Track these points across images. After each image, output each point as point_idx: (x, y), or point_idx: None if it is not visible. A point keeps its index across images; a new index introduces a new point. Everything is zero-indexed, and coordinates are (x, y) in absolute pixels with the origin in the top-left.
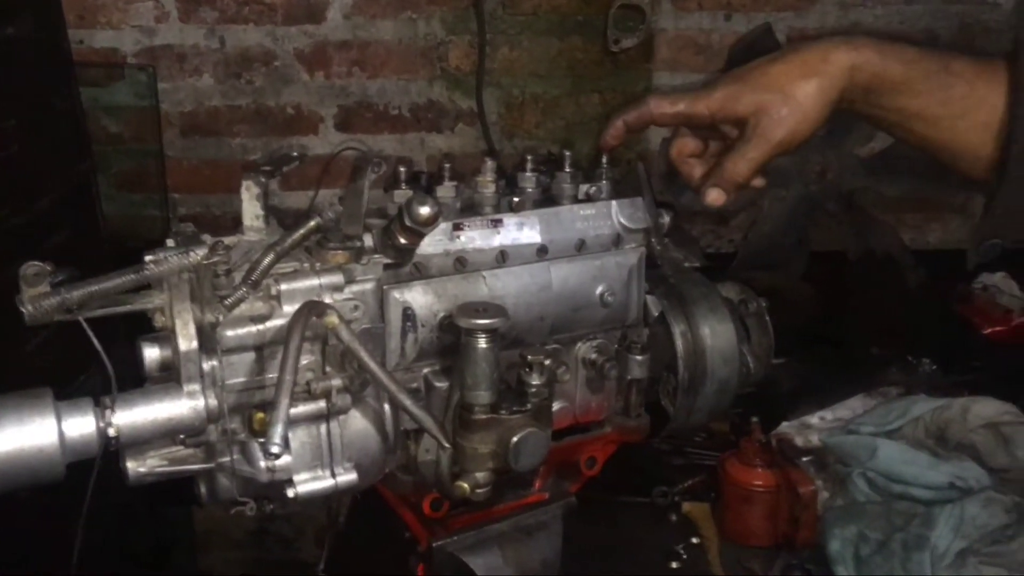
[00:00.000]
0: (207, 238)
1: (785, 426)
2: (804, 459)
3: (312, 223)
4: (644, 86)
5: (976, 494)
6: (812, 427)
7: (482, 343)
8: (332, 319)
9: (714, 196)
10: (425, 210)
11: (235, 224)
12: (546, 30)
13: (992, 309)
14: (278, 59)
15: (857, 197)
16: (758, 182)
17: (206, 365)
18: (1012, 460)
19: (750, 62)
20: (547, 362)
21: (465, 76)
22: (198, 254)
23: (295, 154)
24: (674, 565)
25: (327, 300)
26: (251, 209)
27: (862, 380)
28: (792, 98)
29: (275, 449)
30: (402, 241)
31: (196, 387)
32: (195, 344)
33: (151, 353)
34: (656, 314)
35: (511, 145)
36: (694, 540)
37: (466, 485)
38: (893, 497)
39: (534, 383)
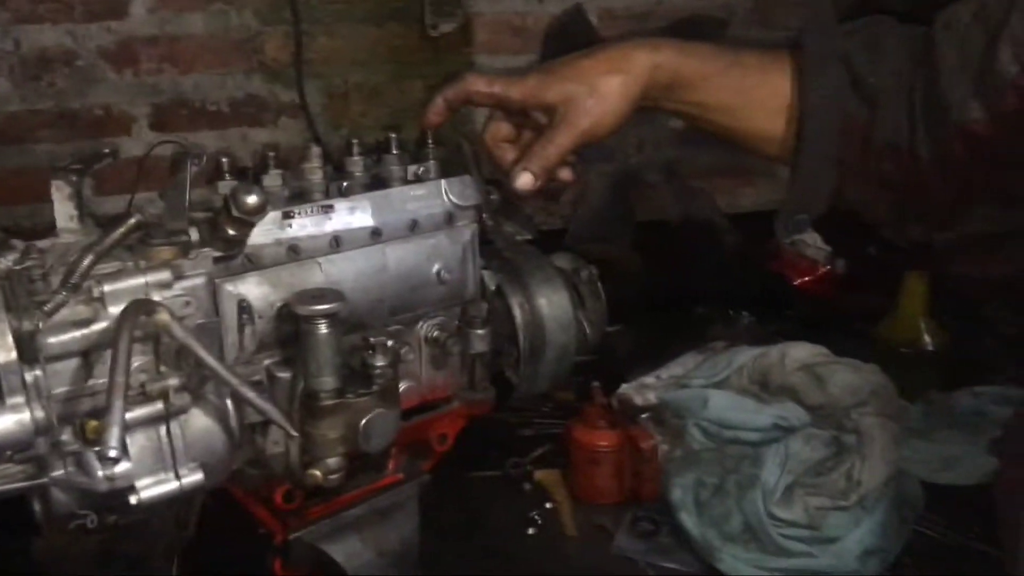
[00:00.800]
0: (17, 243)
1: (624, 387)
2: (643, 416)
3: (132, 220)
4: (466, 70)
5: (798, 432)
6: (649, 386)
7: (322, 329)
8: (162, 317)
9: (524, 180)
10: (252, 199)
11: (49, 234)
12: (363, 18)
13: (800, 262)
14: (80, 58)
15: (674, 167)
16: (565, 174)
17: (28, 376)
18: (827, 398)
19: (564, 54)
20: (390, 343)
21: (284, 68)
22: (8, 260)
23: (106, 151)
24: (530, 531)
25: (155, 298)
26: (64, 210)
27: (691, 338)
28: (597, 91)
29: (113, 453)
30: (231, 232)
31: (20, 399)
32: (14, 355)
33: None
34: (493, 288)
35: (338, 135)
36: (548, 505)
37: (318, 472)
38: (725, 442)
39: (378, 365)
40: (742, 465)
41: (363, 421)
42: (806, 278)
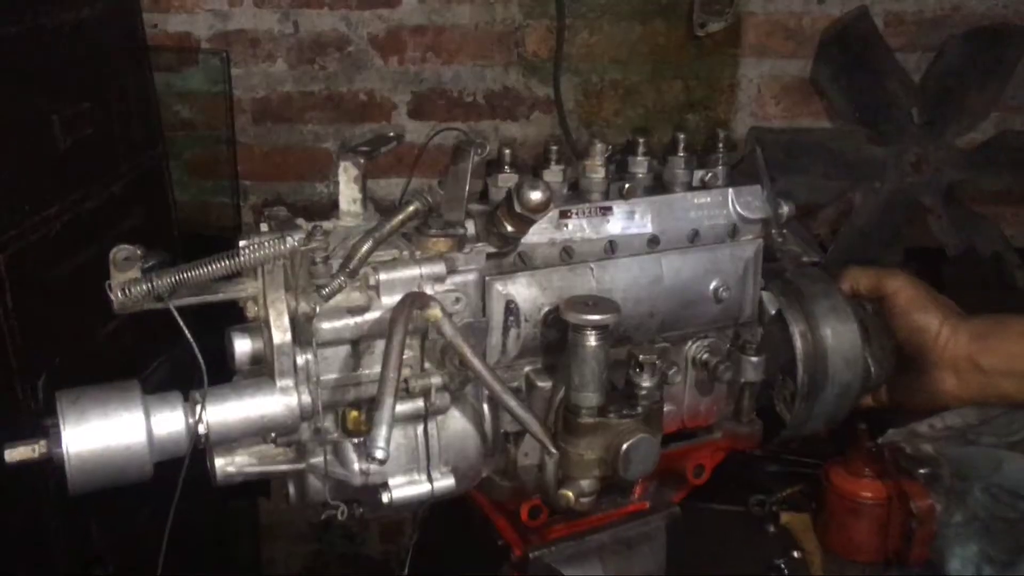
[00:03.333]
0: (302, 222)
1: (892, 433)
2: (921, 471)
3: (412, 208)
4: (730, 73)
5: None
6: (922, 435)
7: (591, 340)
8: (435, 312)
9: None
10: (536, 195)
11: (306, 212)
12: (628, 14)
13: None
14: (352, 44)
15: (956, 191)
16: None
17: (300, 359)
18: None
19: (842, 63)
20: (658, 362)
21: (542, 62)
22: (295, 240)
23: (391, 135)
24: None
25: (428, 291)
26: (348, 192)
27: None
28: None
29: (379, 454)
30: (508, 229)
31: (290, 382)
32: (289, 337)
33: (242, 345)
34: (772, 312)
35: (588, 134)
36: (795, 554)
37: (570, 493)
38: (1020, 515)
39: (645, 385)
40: None
41: (624, 445)
42: None
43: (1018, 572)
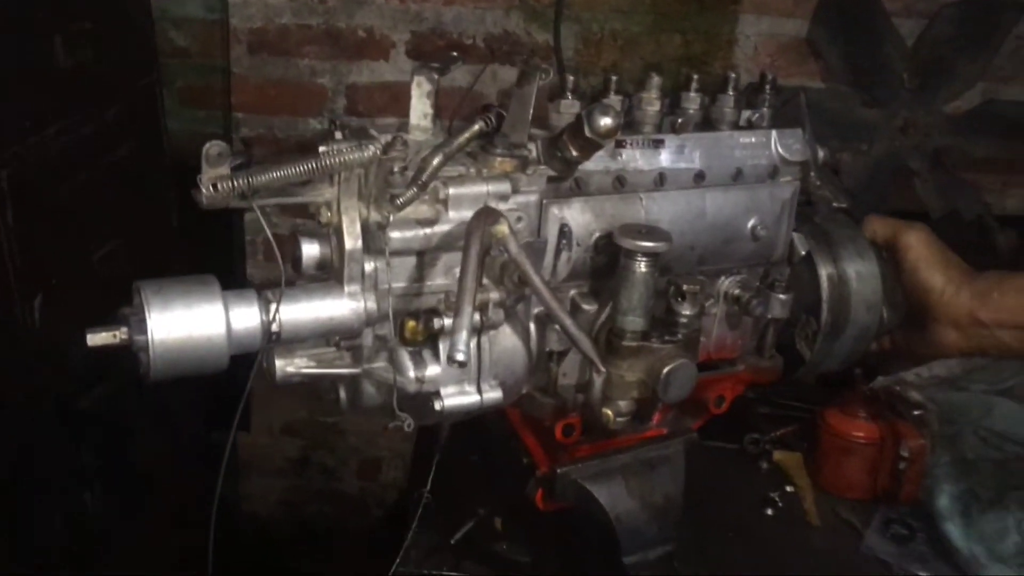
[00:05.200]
0: (375, 132)
1: (881, 380)
2: (916, 413)
3: (477, 126)
4: (729, 29)
5: None
6: (910, 383)
7: (642, 267)
8: (503, 228)
9: None
10: (607, 120)
11: (298, 149)
12: None
13: None
14: None
15: (941, 156)
16: None
17: (368, 266)
18: None
19: (839, 25)
20: (699, 292)
21: (544, 7)
22: (371, 149)
23: (455, 55)
24: (769, 512)
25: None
26: (420, 107)
27: None
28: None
29: (460, 356)
30: (573, 153)
31: (357, 288)
32: (359, 244)
33: (310, 250)
34: (803, 253)
35: (586, 83)
36: (788, 488)
37: (610, 412)
38: (1009, 456)
39: (685, 313)
40: None
41: (666, 369)
42: None
43: (1005, 506)
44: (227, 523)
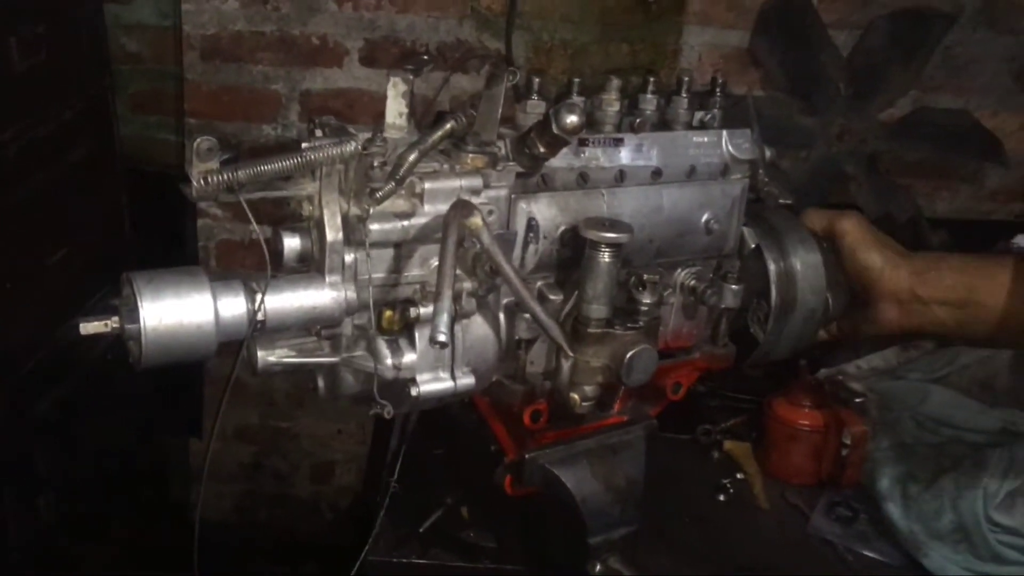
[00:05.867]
0: (353, 130)
1: (823, 372)
2: (857, 401)
3: (449, 125)
4: (674, 39)
5: None
6: (850, 375)
7: (606, 257)
8: (477, 220)
9: None
10: (573, 118)
11: (251, 154)
12: None
13: None
14: None
15: (876, 161)
16: None
17: (348, 257)
18: None
19: (779, 37)
20: (658, 282)
21: (496, 17)
22: (351, 146)
23: (426, 57)
24: (721, 497)
25: None
26: (395, 106)
27: None
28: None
29: (442, 337)
30: (541, 150)
31: (338, 278)
32: (340, 236)
33: (291, 243)
34: (752, 246)
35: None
36: (739, 475)
37: (576, 396)
38: (944, 440)
39: (646, 301)
40: (962, 465)
41: (628, 354)
42: None
43: (941, 486)
44: (180, 529)
